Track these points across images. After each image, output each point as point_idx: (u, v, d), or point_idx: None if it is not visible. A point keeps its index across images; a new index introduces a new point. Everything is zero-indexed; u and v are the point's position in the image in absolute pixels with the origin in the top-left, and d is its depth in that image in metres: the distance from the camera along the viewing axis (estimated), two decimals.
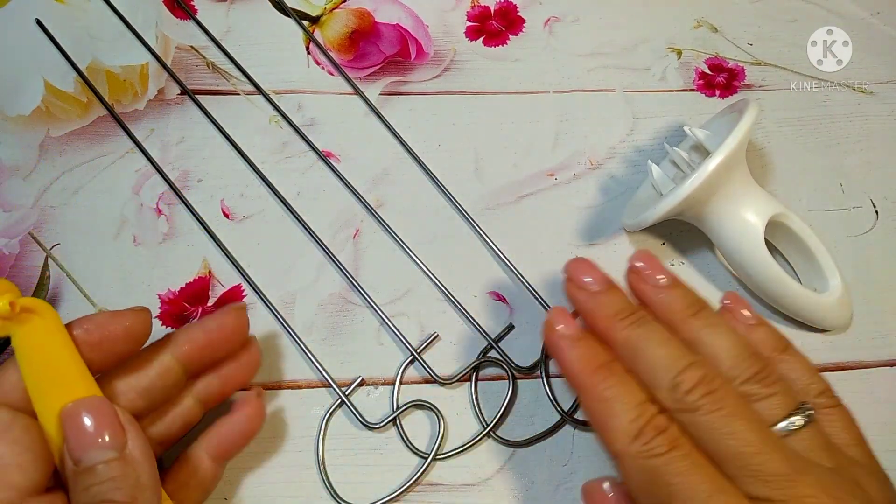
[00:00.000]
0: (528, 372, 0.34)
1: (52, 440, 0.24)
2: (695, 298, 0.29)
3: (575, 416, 0.33)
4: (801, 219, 0.35)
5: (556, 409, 0.33)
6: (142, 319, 0.27)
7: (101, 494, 0.23)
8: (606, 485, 0.26)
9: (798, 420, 0.26)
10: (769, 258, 0.33)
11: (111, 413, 0.24)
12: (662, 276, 0.29)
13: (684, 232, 0.37)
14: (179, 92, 0.40)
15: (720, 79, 0.42)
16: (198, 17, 0.42)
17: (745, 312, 0.29)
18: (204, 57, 0.41)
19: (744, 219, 0.33)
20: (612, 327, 0.28)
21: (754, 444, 0.24)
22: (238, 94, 0.40)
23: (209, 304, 0.35)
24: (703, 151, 0.37)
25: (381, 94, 0.41)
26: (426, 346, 0.35)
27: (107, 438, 0.24)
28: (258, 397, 0.30)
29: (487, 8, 0.44)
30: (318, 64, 0.42)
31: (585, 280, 0.29)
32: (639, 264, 0.29)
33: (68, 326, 0.26)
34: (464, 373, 0.34)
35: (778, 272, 0.33)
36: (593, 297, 0.29)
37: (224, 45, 0.41)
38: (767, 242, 0.34)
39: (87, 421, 0.24)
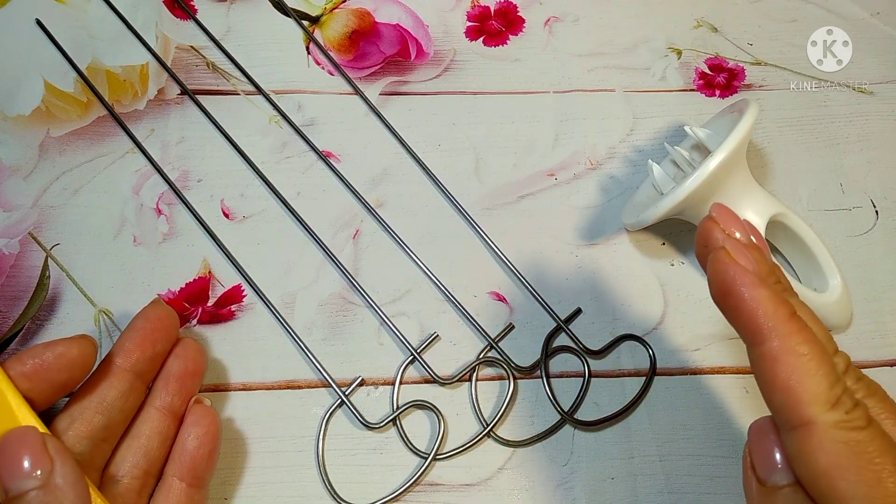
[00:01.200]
0: (528, 372, 0.34)
1: None
2: (775, 264, 0.26)
3: (575, 416, 0.33)
4: (801, 219, 0.35)
5: (556, 408, 0.33)
6: (80, 346, 0.27)
7: None
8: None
9: None
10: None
11: (37, 442, 0.25)
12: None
13: (684, 232, 0.37)
14: (179, 92, 0.40)
15: (720, 79, 0.42)
16: (198, 17, 0.42)
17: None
18: (204, 57, 0.41)
19: (744, 218, 0.33)
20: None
21: None
22: (238, 94, 0.40)
23: (209, 303, 0.35)
24: (703, 151, 0.37)
25: (380, 94, 0.41)
26: (426, 346, 0.35)
27: (31, 467, 0.24)
28: (198, 403, 0.30)
29: (487, 8, 0.44)
30: (318, 64, 0.42)
31: (732, 230, 0.25)
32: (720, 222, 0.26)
33: (6, 363, 0.26)
34: (464, 373, 0.34)
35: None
36: (747, 251, 0.24)
37: (224, 45, 0.41)
38: (767, 242, 0.34)
39: (13, 451, 0.24)
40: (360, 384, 0.34)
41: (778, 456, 0.23)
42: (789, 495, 0.22)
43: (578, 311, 0.36)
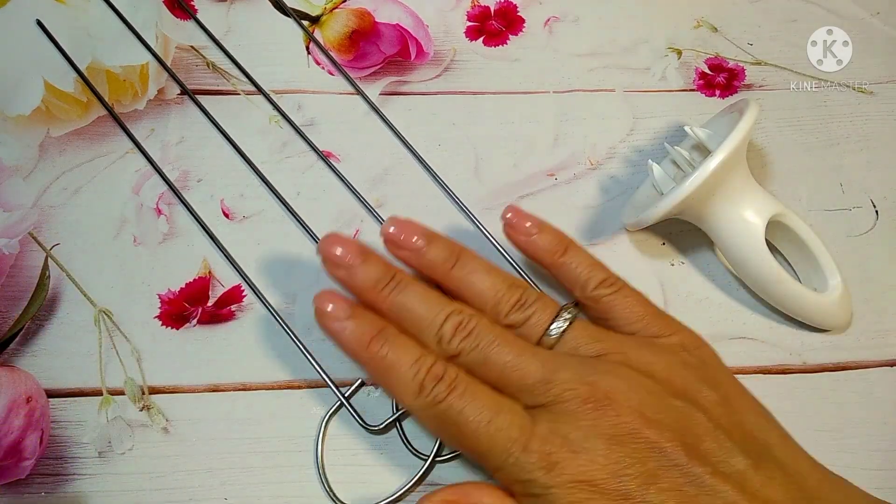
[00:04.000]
0: None
1: None
2: (452, 249, 0.30)
3: None
4: (801, 219, 0.35)
5: None
6: None
7: None
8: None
9: (560, 324, 0.29)
10: (770, 258, 0.33)
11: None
12: (418, 237, 0.30)
13: (684, 232, 0.37)
14: (179, 92, 0.40)
15: (720, 79, 0.42)
16: (198, 16, 0.42)
17: (527, 224, 0.32)
18: (204, 57, 0.41)
19: (744, 218, 0.33)
20: (377, 298, 0.29)
21: (511, 364, 0.27)
22: (238, 94, 0.40)
23: (209, 303, 0.35)
24: (703, 151, 0.37)
25: (381, 94, 0.41)
26: None
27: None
28: None
29: (487, 8, 0.44)
30: (318, 64, 0.42)
31: (338, 254, 0.29)
32: (392, 230, 0.30)
33: None
34: None
35: (778, 272, 0.33)
36: (351, 272, 0.29)
37: (224, 45, 0.41)
38: (767, 242, 0.34)
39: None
40: (361, 385, 0.34)
41: None
42: None
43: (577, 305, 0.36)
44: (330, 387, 0.33)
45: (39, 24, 0.41)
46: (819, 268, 0.35)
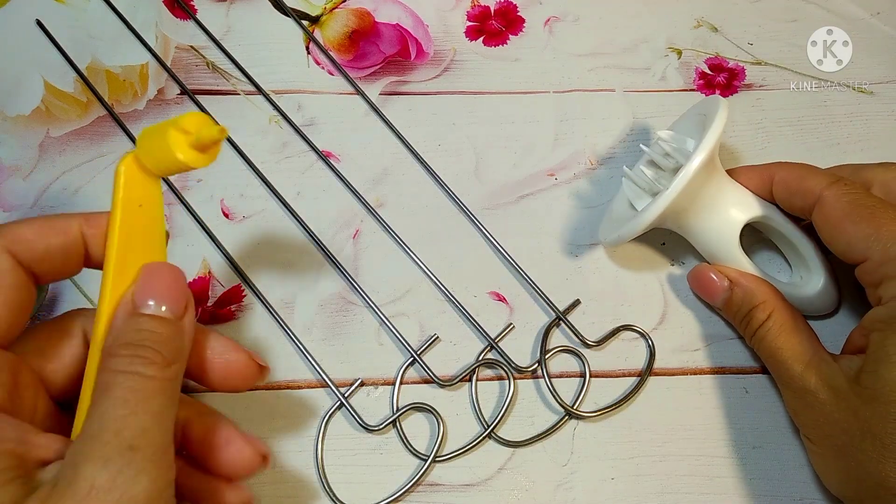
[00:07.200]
0: (528, 372, 0.34)
1: (109, 293, 0.24)
2: None
3: (579, 411, 0.33)
4: (782, 217, 0.34)
5: (557, 401, 0.33)
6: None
7: (146, 340, 0.23)
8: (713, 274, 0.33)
9: None
10: (745, 261, 0.33)
11: (183, 283, 0.25)
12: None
13: None
14: (179, 92, 0.40)
15: (720, 79, 0.42)
16: (198, 17, 0.42)
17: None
18: (204, 57, 0.41)
19: (720, 226, 0.33)
20: None
21: None
22: (238, 94, 0.40)
23: (209, 304, 0.35)
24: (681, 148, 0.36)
25: (380, 94, 0.41)
26: (426, 347, 0.34)
27: (171, 302, 0.24)
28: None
29: (487, 8, 0.44)
30: (318, 64, 0.42)
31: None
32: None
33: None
34: (464, 375, 0.34)
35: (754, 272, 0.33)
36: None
37: (224, 45, 0.41)
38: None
39: (164, 281, 0.25)
40: (360, 386, 0.34)
41: (713, 275, 0.34)
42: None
43: (577, 303, 0.36)
44: (330, 387, 0.33)
45: (39, 24, 0.41)
46: (803, 259, 0.34)
